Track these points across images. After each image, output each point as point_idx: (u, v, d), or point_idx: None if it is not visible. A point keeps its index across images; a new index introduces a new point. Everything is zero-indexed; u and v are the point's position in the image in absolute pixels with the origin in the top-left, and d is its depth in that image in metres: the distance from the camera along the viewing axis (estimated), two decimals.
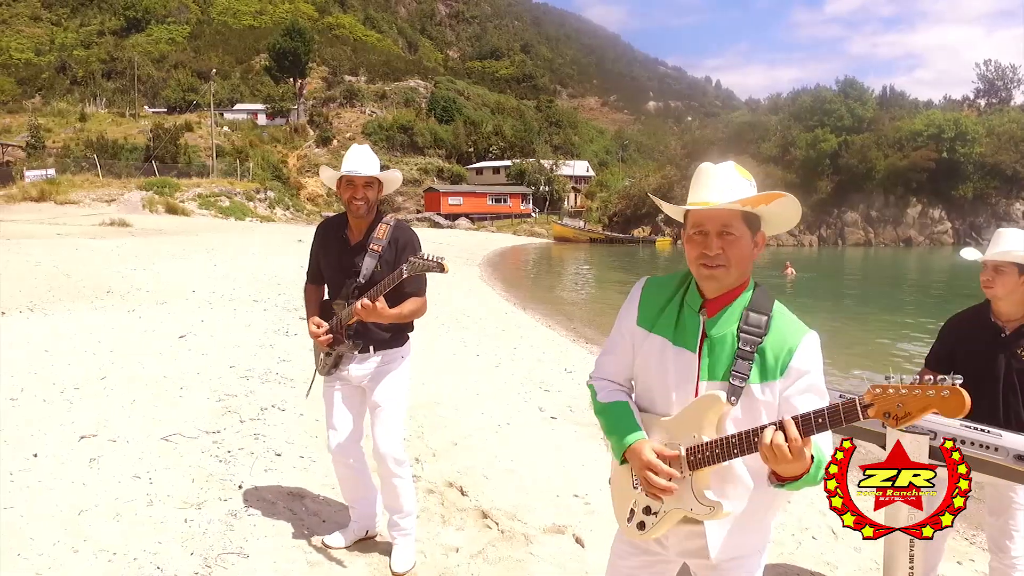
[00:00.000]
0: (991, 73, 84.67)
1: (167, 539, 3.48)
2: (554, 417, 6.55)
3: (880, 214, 69.19)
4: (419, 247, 3.37)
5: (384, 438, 3.44)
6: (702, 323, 1.95)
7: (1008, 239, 3.11)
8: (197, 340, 8.28)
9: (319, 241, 3.57)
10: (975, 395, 3.12)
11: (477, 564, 3.58)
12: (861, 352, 12.83)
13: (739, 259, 1.91)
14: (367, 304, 3.14)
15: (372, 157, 3.41)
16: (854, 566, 4.19)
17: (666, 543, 2.08)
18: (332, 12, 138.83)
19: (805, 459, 1.75)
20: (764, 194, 1.90)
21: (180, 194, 44.58)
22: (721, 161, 2.03)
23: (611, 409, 2.06)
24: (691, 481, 1.91)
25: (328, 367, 3.50)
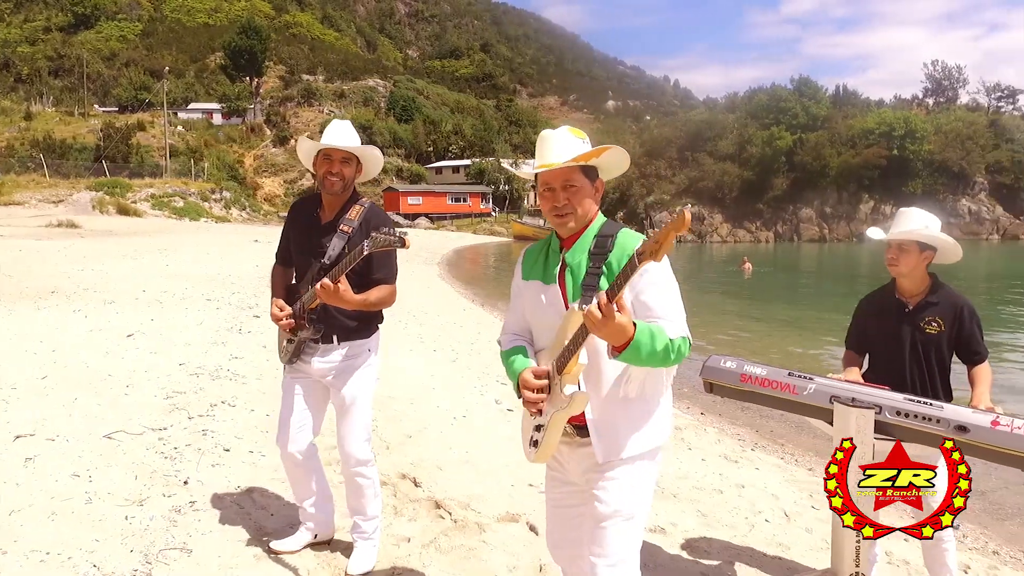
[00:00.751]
0: (938, 73, 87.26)
1: (105, 537, 3.35)
2: (510, 409, 6.52)
3: (834, 210, 70.69)
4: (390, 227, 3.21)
5: (350, 438, 3.27)
6: (560, 257, 2.31)
7: (909, 218, 3.25)
8: (146, 339, 8.07)
9: (290, 219, 3.40)
10: (885, 366, 3.25)
11: (429, 553, 3.53)
12: (815, 337, 13.06)
13: (582, 204, 2.27)
14: (327, 284, 2.92)
15: (352, 132, 3.24)
16: (806, 546, 4.24)
17: (566, 464, 2.38)
18: (289, 10, 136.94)
19: (619, 320, 1.94)
20: (594, 149, 2.23)
21: (132, 195, 43.57)
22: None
23: (510, 353, 2.41)
24: (559, 384, 2.18)
25: (289, 354, 3.29)
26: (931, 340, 3.18)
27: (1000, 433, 2.55)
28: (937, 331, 3.17)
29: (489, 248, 50.09)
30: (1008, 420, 2.57)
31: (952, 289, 3.26)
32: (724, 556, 3.98)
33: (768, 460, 6.29)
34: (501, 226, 67.49)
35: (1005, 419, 2.59)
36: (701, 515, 4.54)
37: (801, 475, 5.92)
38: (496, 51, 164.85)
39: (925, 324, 3.18)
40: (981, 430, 2.59)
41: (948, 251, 3.23)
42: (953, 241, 3.21)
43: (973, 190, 71.43)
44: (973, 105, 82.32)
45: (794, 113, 73.47)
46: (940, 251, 3.22)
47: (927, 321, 3.18)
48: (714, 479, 5.30)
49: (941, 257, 3.24)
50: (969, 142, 70.42)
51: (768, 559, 4.01)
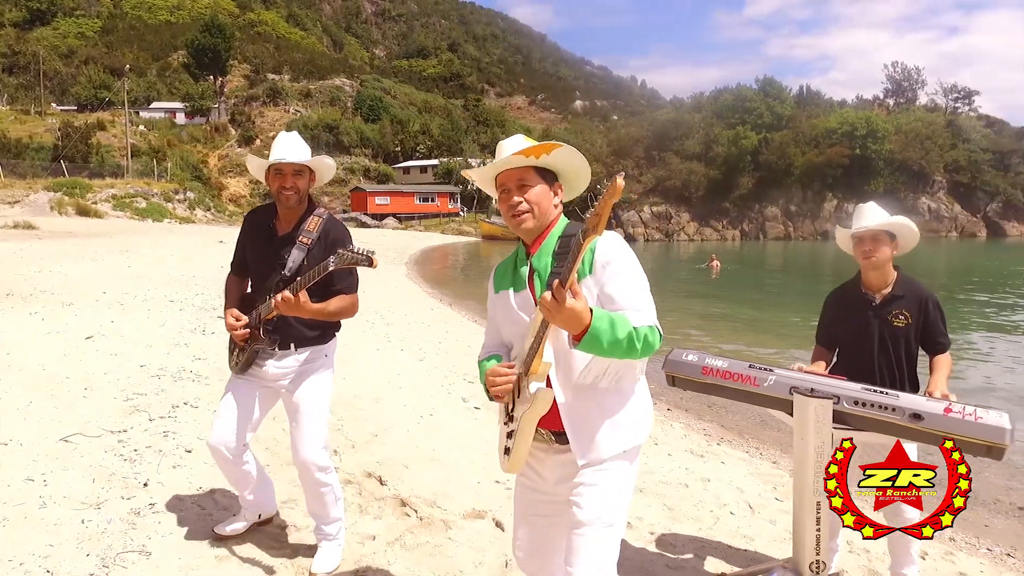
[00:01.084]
0: (898, 74, 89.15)
1: (60, 542, 3.27)
2: (477, 407, 6.50)
3: (799, 208, 71.78)
4: (350, 242, 3.19)
5: (305, 444, 3.22)
6: (528, 262, 2.29)
7: (874, 212, 3.33)
8: (106, 341, 7.90)
9: (246, 230, 3.37)
10: (854, 359, 3.31)
11: (394, 551, 3.50)
12: (782, 333, 13.24)
13: (538, 203, 2.24)
14: (287, 297, 2.94)
15: (302, 144, 3.22)
16: (769, 537, 4.29)
17: (543, 473, 2.33)
18: (254, 8, 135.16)
19: (572, 305, 1.90)
20: (541, 144, 2.21)
21: (92, 195, 42.61)
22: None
23: (483, 363, 2.40)
24: (527, 384, 2.14)
25: (242, 364, 3.27)
26: (899, 333, 3.25)
27: (953, 420, 2.60)
28: (904, 324, 3.24)
29: (457, 248, 49.98)
30: (960, 407, 2.63)
31: (916, 281, 3.34)
32: (690, 549, 4.02)
33: (734, 454, 6.36)
34: (469, 226, 67.35)
35: (957, 406, 2.65)
36: (667, 509, 4.57)
37: (766, 468, 6.00)
38: (463, 51, 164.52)
39: (892, 317, 3.25)
40: (935, 417, 2.64)
41: (909, 237, 3.32)
42: (912, 226, 3.31)
43: (932, 189, 73.07)
44: (931, 106, 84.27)
45: (759, 113, 74.48)
46: (902, 238, 3.30)
47: (894, 314, 3.25)
48: (680, 473, 5.35)
49: (902, 245, 3.32)
50: (928, 142, 72.00)
51: (733, 551, 4.05)
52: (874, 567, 3.94)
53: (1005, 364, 11.31)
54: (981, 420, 2.56)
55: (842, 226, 3.47)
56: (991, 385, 9.71)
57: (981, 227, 73.54)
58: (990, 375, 10.40)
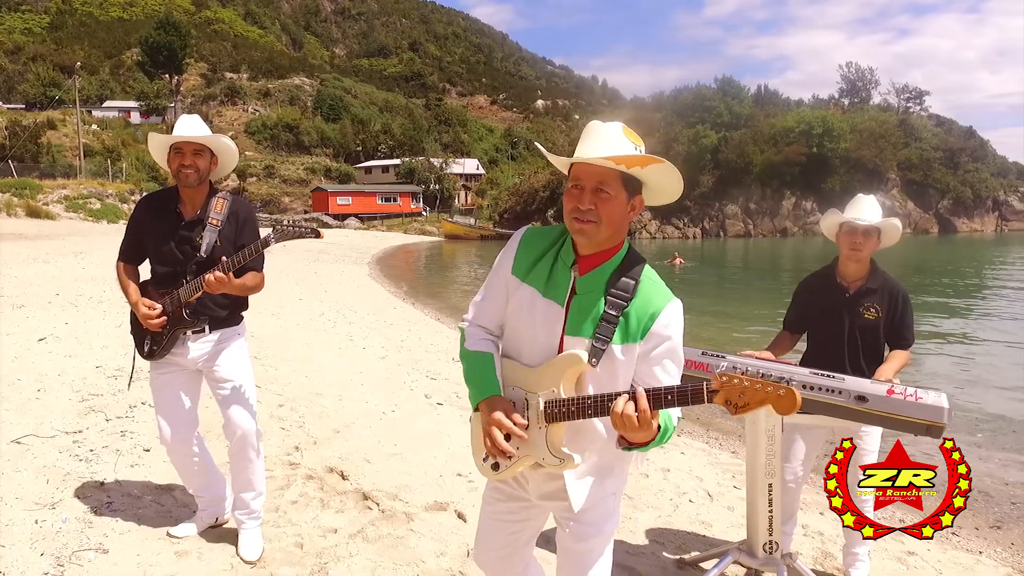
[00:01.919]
0: (852, 74, 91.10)
1: (13, 542, 3.21)
2: (440, 403, 6.52)
3: (758, 206, 72.90)
4: (256, 222, 3.33)
5: (239, 414, 3.28)
6: (572, 279, 1.98)
7: (874, 207, 3.34)
8: (60, 342, 7.73)
9: (145, 216, 3.30)
10: (823, 349, 3.38)
11: (356, 543, 3.51)
12: (745, 328, 13.47)
13: (610, 218, 1.91)
14: (219, 276, 2.99)
15: (202, 125, 3.26)
16: (727, 523, 4.39)
17: (527, 486, 2.13)
18: (210, 6, 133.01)
19: (652, 428, 1.80)
20: (639, 155, 1.91)
21: (43, 196, 41.46)
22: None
23: (475, 358, 2.09)
24: (546, 433, 1.96)
25: (160, 351, 3.26)
26: (869, 325, 3.29)
27: (894, 401, 2.71)
28: (875, 317, 3.28)
29: (420, 248, 49.78)
30: (901, 389, 2.74)
31: (888, 275, 3.38)
32: (649, 536, 4.09)
33: (693, 444, 6.48)
34: (432, 225, 67.13)
35: (899, 388, 2.75)
36: (627, 498, 4.64)
37: (725, 458, 6.12)
38: (425, 50, 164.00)
39: (864, 310, 3.29)
40: (878, 399, 2.74)
41: (893, 237, 3.35)
42: (900, 226, 3.34)
43: (886, 186, 74.80)
44: (884, 105, 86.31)
45: (718, 112, 75.49)
46: (886, 237, 3.33)
47: (866, 307, 3.29)
48: (640, 464, 5.43)
49: (884, 243, 3.36)
50: (882, 140, 73.72)
51: (691, 536, 4.14)
52: (827, 549, 4.07)
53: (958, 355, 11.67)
54: (921, 400, 2.66)
55: (837, 211, 3.42)
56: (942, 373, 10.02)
57: (933, 224, 75.58)
58: (941, 367, 10.74)
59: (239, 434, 3.29)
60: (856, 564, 3.51)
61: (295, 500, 4.00)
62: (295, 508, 3.89)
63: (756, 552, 3.20)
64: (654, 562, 3.72)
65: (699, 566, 3.62)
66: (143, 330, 3.30)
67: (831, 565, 3.86)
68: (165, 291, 3.23)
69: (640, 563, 3.68)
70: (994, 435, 7.05)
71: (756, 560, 3.23)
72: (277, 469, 4.42)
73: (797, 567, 3.30)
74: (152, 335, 3.27)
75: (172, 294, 3.20)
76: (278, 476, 4.32)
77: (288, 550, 3.39)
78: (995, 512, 5.15)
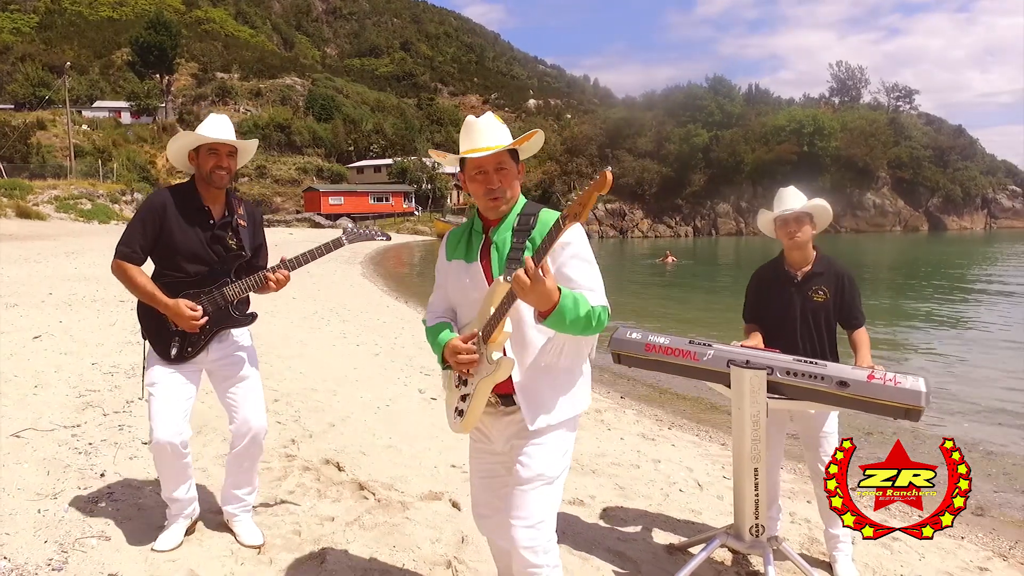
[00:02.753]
0: (843, 73, 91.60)
1: (17, 530, 3.28)
2: (434, 398, 6.59)
3: (749, 205, 73.20)
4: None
5: (256, 412, 3.32)
6: (484, 236, 2.43)
7: (795, 195, 3.56)
8: (55, 340, 7.79)
9: (170, 213, 3.17)
10: (778, 333, 3.50)
11: (353, 531, 3.59)
12: (736, 326, 13.58)
13: (512, 186, 2.38)
14: (287, 274, 3.24)
15: (231, 126, 3.30)
16: (716, 511, 4.48)
17: (491, 434, 2.50)
18: (200, 5, 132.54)
19: (546, 285, 2.03)
20: (525, 135, 2.36)
21: (33, 197, 41.28)
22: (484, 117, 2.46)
23: (434, 328, 2.52)
24: (486, 352, 2.29)
25: (194, 351, 3.21)
26: (819, 307, 3.45)
27: (875, 386, 2.80)
28: (823, 299, 3.45)
29: (412, 247, 49.77)
30: (881, 373, 2.83)
31: (834, 259, 3.57)
32: (640, 523, 4.18)
33: (684, 437, 6.56)
34: (424, 225, 67.12)
35: (879, 373, 2.84)
36: (619, 488, 4.73)
37: (714, 449, 6.21)
38: (416, 49, 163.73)
39: (812, 293, 3.46)
40: (859, 384, 2.84)
41: (824, 216, 3.55)
42: (828, 206, 3.54)
43: (877, 184, 75.32)
44: (875, 104, 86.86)
45: (710, 111, 75.80)
46: (819, 218, 3.52)
47: (814, 290, 3.46)
48: (632, 456, 5.52)
49: (819, 223, 3.54)
50: (872, 139, 74.20)
51: (680, 523, 4.23)
52: (814, 535, 4.15)
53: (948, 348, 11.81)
54: (900, 384, 2.76)
55: (766, 210, 3.67)
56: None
57: (923, 221, 76.12)
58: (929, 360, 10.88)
59: (252, 432, 3.32)
60: (839, 547, 3.60)
61: (292, 490, 4.07)
62: (293, 498, 3.96)
63: (743, 536, 3.29)
64: (644, 548, 3.81)
65: (688, 551, 3.71)
66: (169, 331, 3.20)
67: (817, 550, 3.95)
68: (197, 292, 3.20)
69: (630, 549, 3.76)
70: (979, 425, 7.17)
71: (743, 543, 3.31)
72: (274, 461, 4.50)
73: (783, 550, 3.39)
74: (185, 336, 3.21)
75: (214, 293, 3.22)
76: (275, 468, 4.39)
77: (287, 536, 3.47)
78: (977, 498, 5.26)
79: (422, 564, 3.33)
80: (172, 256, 3.20)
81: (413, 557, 3.39)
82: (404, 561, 3.34)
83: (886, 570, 3.79)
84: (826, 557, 3.78)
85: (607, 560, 3.56)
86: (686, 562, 3.40)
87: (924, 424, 6.55)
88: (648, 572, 3.52)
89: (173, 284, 3.21)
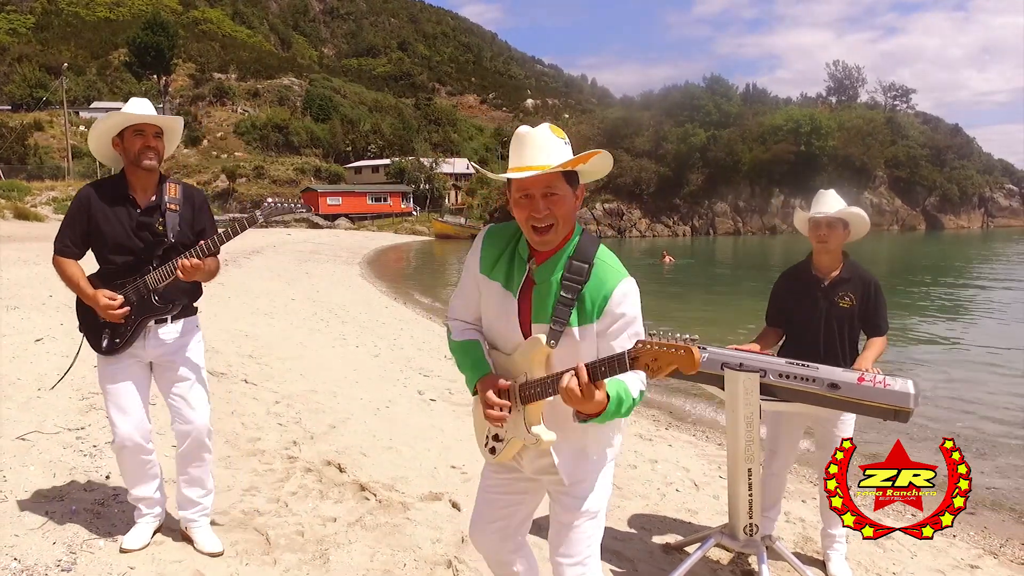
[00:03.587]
0: (840, 73, 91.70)
1: (25, 532, 3.34)
2: (433, 399, 6.66)
3: (747, 204, 73.33)
4: (210, 206, 3.33)
5: (199, 408, 3.24)
6: (528, 270, 2.13)
7: (832, 199, 3.56)
8: (56, 343, 7.81)
9: (94, 205, 3.15)
10: (803, 336, 3.55)
11: (355, 531, 3.65)
12: (733, 330, 13.67)
13: (565, 216, 2.05)
14: (196, 262, 2.97)
15: (153, 107, 3.19)
16: (712, 510, 4.55)
17: (521, 463, 2.30)
18: (198, 6, 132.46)
19: (596, 399, 1.91)
20: (582, 155, 2.02)
21: (31, 198, 41.36)
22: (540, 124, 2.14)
23: (464, 347, 2.26)
24: (523, 414, 2.13)
25: (123, 343, 3.16)
26: (844, 313, 3.48)
27: (864, 388, 2.87)
28: (849, 305, 3.47)
29: (411, 247, 49.85)
30: (871, 376, 2.91)
31: (860, 266, 3.58)
32: (637, 523, 4.25)
33: (681, 437, 6.64)
34: (422, 225, 67.11)
35: (869, 375, 2.92)
36: (616, 488, 4.77)
37: (711, 449, 6.29)
38: (414, 49, 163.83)
39: (839, 299, 3.47)
40: (849, 386, 2.91)
41: (861, 226, 3.55)
42: (866, 216, 3.53)
43: (874, 184, 75.42)
44: (872, 103, 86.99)
45: (707, 111, 75.86)
46: (854, 226, 3.53)
47: (840, 296, 3.48)
48: (629, 456, 5.59)
49: (854, 232, 3.55)
50: (869, 138, 74.32)
51: (677, 523, 4.30)
52: (808, 534, 4.23)
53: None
54: (889, 387, 2.83)
55: (802, 209, 3.67)
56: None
57: (920, 220, 76.28)
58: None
59: (194, 432, 3.24)
60: (834, 546, 3.68)
61: (295, 491, 4.13)
62: (295, 499, 4.02)
63: (737, 535, 3.36)
64: (641, 547, 3.88)
65: (683, 550, 3.78)
66: (99, 323, 3.20)
67: (811, 549, 4.02)
68: (124, 281, 3.14)
69: (627, 548, 3.84)
70: (971, 422, 7.26)
71: (737, 542, 3.39)
72: (276, 463, 4.56)
73: (777, 549, 3.46)
74: (113, 327, 3.17)
75: (137, 282, 3.12)
76: (277, 469, 4.45)
77: (290, 536, 3.53)
78: (969, 498, 5.34)
79: (423, 564, 3.40)
80: (101, 247, 3.20)
81: (414, 557, 3.45)
82: (406, 561, 3.41)
83: (879, 568, 3.87)
84: (820, 556, 3.86)
85: (604, 559, 3.60)
86: (682, 561, 3.47)
87: (925, 425, 6.63)
88: (644, 571, 3.60)
89: (107, 275, 3.19)
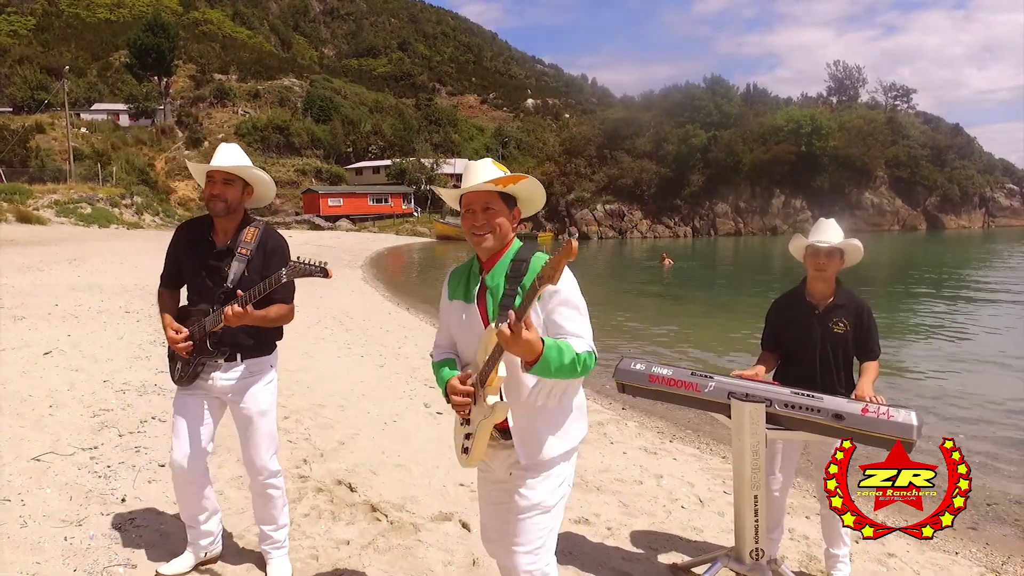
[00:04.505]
0: (840, 73, 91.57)
1: (46, 559, 3.41)
2: (439, 412, 6.72)
3: (748, 205, 73.32)
4: (288, 253, 3.28)
5: (259, 451, 3.35)
6: (481, 279, 2.54)
7: (832, 228, 3.63)
8: (65, 356, 7.90)
9: (181, 242, 3.36)
10: (796, 362, 3.61)
11: (368, 554, 3.72)
12: (730, 335, 13.72)
13: (500, 226, 2.50)
14: (237, 311, 3.02)
15: (238, 153, 3.26)
16: (717, 528, 4.61)
17: (493, 464, 2.64)
18: (198, 7, 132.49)
19: (526, 337, 2.15)
20: (511, 175, 2.47)
21: (33, 201, 41.39)
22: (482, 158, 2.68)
23: (439, 365, 2.69)
24: (483, 395, 2.41)
25: (187, 377, 3.29)
26: (838, 339, 3.56)
27: (868, 419, 2.94)
28: (844, 331, 3.55)
29: (412, 249, 49.94)
30: (875, 407, 2.97)
31: (852, 292, 3.67)
32: (643, 542, 4.31)
33: (685, 450, 6.70)
34: (424, 226, 67.21)
35: (872, 407, 2.98)
36: (623, 505, 4.86)
37: (715, 463, 6.34)
38: (414, 49, 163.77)
39: (833, 324, 3.56)
40: (854, 417, 2.97)
41: (855, 256, 3.63)
42: (861, 246, 3.61)
43: (875, 184, 75.44)
44: (872, 103, 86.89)
45: (708, 111, 75.85)
46: (849, 256, 3.61)
47: (834, 322, 3.56)
48: (635, 471, 5.65)
49: (848, 261, 3.64)
50: (870, 138, 74.25)
51: (683, 542, 4.36)
52: (812, 552, 4.29)
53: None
54: (892, 418, 2.89)
55: (801, 234, 3.74)
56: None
57: (921, 220, 76.29)
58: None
59: (255, 470, 3.37)
60: (837, 566, 3.74)
61: (307, 513, 4.20)
62: (308, 521, 4.09)
63: (743, 559, 3.43)
64: (648, 567, 3.94)
65: (691, 571, 3.84)
66: (174, 353, 3.33)
67: (815, 568, 4.08)
68: (197, 318, 3.26)
69: (635, 568, 3.90)
70: (974, 440, 7.31)
71: (744, 566, 3.45)
72: (288, 482, 4.60)
73: (782, 571, 3.53)
74: (182, 360, 3.30)
75: (202, 321, 3.22)
76: (290, 489, 4.51)
77: (305, 561, 3.60)
78: (971, 513, 5.39)
79: None
80: (185, 283, 3.40)
81: None
82: None
83: None
84: (824, 575, 3.92)
85: None
86: None
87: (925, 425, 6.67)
88: None
89: (189, 309, 3.36)
